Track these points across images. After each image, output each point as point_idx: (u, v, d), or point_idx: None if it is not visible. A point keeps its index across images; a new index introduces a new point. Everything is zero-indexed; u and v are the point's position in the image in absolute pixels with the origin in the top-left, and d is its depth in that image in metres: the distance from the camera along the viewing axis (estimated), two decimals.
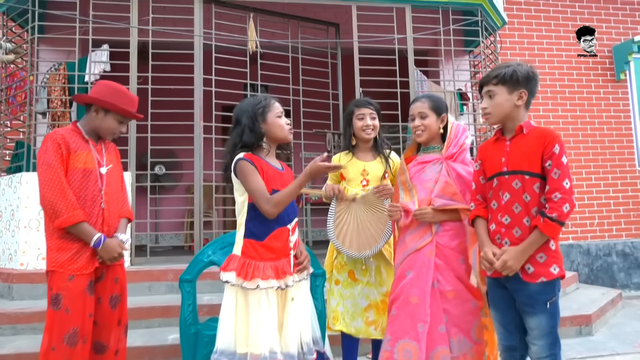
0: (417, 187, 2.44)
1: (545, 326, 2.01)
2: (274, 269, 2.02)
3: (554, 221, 1.92)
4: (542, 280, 1.98)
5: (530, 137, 2.07)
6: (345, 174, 2.70)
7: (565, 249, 6.36)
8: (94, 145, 2.28)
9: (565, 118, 6.68)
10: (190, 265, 2.58)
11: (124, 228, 2.32)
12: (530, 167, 2.02)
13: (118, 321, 2.24)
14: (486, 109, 2.15)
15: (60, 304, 2.05)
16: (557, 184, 1.94)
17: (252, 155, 2.09)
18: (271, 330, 1.95)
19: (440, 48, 5.39)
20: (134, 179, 4.48)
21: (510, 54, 6.63)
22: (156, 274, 4.21)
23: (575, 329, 3.97)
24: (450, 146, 2.46)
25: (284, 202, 2.03)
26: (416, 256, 2.34)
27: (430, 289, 2.28)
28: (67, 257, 2.09)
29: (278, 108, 2.19)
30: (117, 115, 2.28)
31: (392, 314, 2.32)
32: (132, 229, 4.41)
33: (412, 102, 2.55)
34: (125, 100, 2.28)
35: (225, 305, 2.01)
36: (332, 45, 5.68)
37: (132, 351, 3.36)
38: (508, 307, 2.10)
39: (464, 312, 2.29)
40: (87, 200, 2.17)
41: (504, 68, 2.11)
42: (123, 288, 2.28)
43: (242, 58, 4.98)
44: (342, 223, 2.60)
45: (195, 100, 4.64)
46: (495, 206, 2.12)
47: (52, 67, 5.01)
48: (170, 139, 4.90)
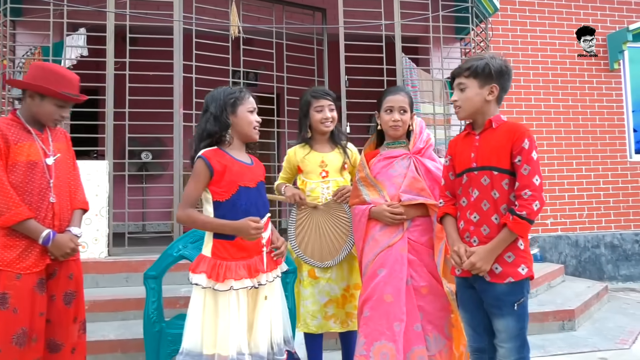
0: (385, 183, 2.36)
1: (513, 328, 1.94)
2: (246, 267, 1.96)
3: (524, 219, 1.86)
4: (509, 280, 1.92)
5: (499, 132, 1.99)
6: (302, 167, 2.61)
7: (554, 240, 6.32)
8: (38, 135, 2.13)
9: (557, 108, 6.57)
10: (158, 260, 2.49)
11: (77, 221, 2.20)
12: (499, 162, 1.95)
13: (74, 318, 2.14)
14: (456, 101, 2.07)
15: (7, 303, 1.95)
16: (527, 180, 1.88)
17: (215, 152, 2.01)
18: (240, 331, 1.90)
19: (429, 35, 5.25)
20: (111, 167, 4.36)
21: (503, 41, 6.49)
22: (134, 264, 4.12)
23: (557, 324, 3.93)
24: (417, 141, 2.40)
25: (193, 224, 2.05)
26: (388, 253, 2.26)
27: (404, 286, 2.21)
28: (14, 255, 1.99)
29: (251, 103, 2.10)
30: (54, 99, 2.11)
31: (364, 316, 2.23)
32: (109, 218, 4.32)
33: (389, 93, 2.43)
34: (62, 82, 2.10)
35: (192, 305, 1.94)
36: (319, 31, 5.53)
37: (105, 344, 3.30)
38: (477, 308, 2.04)
39: (437, 308, 2.24)
40: (34, 194, 2.05)
41: (477, 60, 2.03)
42: (79, 284, 2.18)
43: (224, 44, 4.83)
44: (304, 231, 2.54)
45: (175, 87, 4.50)
46: (464, 203, 2.05)
47: (27, 52, 4.86)
48: (151, 126, 4.77)
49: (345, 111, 4.91)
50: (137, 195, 7.17)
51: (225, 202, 1.98)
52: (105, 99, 4.39)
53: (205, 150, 2.02)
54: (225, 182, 1.98)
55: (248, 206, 2.00)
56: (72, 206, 2.19)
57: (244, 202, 2.00)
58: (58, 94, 2.09)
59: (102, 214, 4.27)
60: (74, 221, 2.18)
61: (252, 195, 2.03)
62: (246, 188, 2.02)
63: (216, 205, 1.99)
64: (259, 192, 2.08)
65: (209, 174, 1.97)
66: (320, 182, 2.57)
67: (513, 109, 6.43)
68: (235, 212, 1.97)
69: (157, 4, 4.81)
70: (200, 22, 4.70)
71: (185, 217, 1.99)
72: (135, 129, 4.67)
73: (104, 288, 4.03)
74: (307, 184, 2.58)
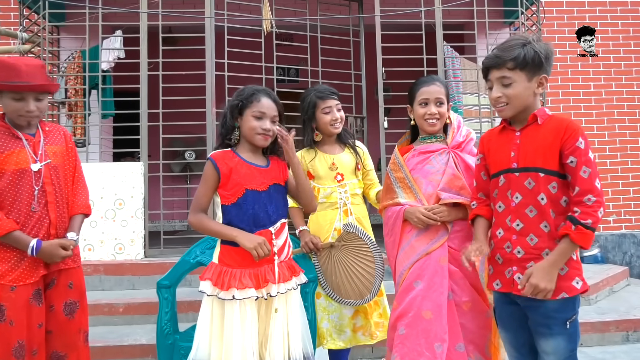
0: (421, 181, 2.12)
1: (563, 350, 1.70)
2: (253, 277, 1.84)
3: (588, 228, 1.61)
4: (563, 296, 1.67)
5: (545, 128, 1.72)
6: (313, 172, 2.43)
7: (617, 239, 5.80)
8: (29, 139, 2.03)
9: (620, 94, 6.00)
10: (173, 268, 2.40)
11: (76, 226, 2.10)
12: (546, 163, 1.69)
13: (78, 329, 2.07)
14: (500, 98, 1.77)
15: (4, 315, 1.90)
16: (589, 184, 1.63)
17: (224, 154, 1.95)
18: (247, 343, 1.79)
19: (473, 21, 4.90)
20: (146, 168, 4.37)
21: (557, 24, 6.00)
22: (168, 266, 4.08)
23: (621, 335, 3.53)
24: (456, 134, 2.15)
25: (202, 229, 1.93)
26: (425, 263, 2.02)
27: (446, 302, 1.98)
28: (7, 267, 1.93)
29: (261, 107, 1.94)
30: (8, 93, 1.96)
31: (399, 334, 2.00)
32: (145, 219, 4.32)
33: (422, 84, 2.19)
34: (10, 73, 1.95)
35: (201, 315, 1.89)
36: (355, 22, 5.31)
37: (137, 349, 3.29)
38: (520, 326, 1.80)
39: (480, 326, 2.01)
40: (23, 203, 1.97)
41: (519, 47, 1.72)
42: (81, 294, 2.10)
43: (257, 39, 4.71)
44: (331, 273, 2.36)
45: (207, 85, 4.44)
46: (501, 208, 1.80)
47: (69, 56, 4.97)
48: (186, 126, 4.75)
49: (383, 105, 4.67)
50: (181, 194, 7.27)
51: (232, 206, 1.89)
52: (140, 100, 4.40)
53: (215, 151, 1.96)
54: (231, 185, 1.90)
55: (256, 211, 1.89)
56: (71, 212, 2.11)
57: (251, 206, 1.89)
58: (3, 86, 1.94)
59: (138, 215, 4.28)
60: (72, 226, 2.09)
61: (261, 200, 1.91)
62: (254, 191, 1.90)
63: (224, 209, 1.91)
64: (269, 196, 1.94)
65: (216, 176, 1.91)
66: (337, 187, 2.41)
67: (570, 97, 5.95)
68: (241, 217, 1.88)
69: (191, 2, 4.78)
70: (232, 19, 4.61)
71: (196, 222, 1.92)
72: (173, 129, 4.66)
73: (139, 290, 4.04)
74: (321, 190, 2.42)
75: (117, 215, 4.24)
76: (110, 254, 4.23)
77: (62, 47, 5.10)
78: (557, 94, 5.92)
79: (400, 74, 4.81)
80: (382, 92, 4.69)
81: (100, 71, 4.59)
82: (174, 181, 7.09)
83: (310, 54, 4.96)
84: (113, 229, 4.23)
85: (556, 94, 5.91)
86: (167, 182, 5.05)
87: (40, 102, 2.03)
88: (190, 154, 7.36)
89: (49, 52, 4.77)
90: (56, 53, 5.13)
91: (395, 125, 4.76)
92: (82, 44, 4.78)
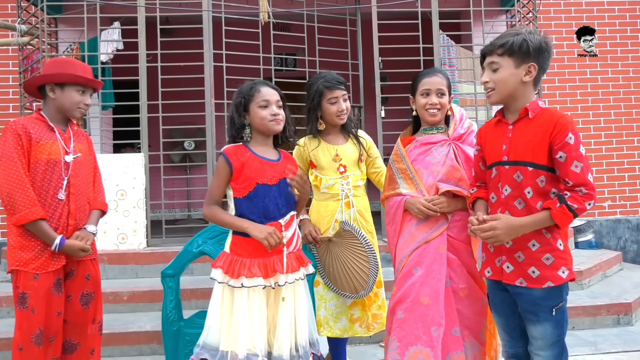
0: (422, 172, 2.18)
1: (550, 335, 1.77)
2: (261, 266, 1.92)
3: (572, 212, 1.68)
4: (549, 285, 1.74)
5: (536, 122, 1.77)
6: (315, 161, 2.46)
7: (612, 224, 5.87)
8: (61, 133, 2.16)
9: (616, 80, 6.03)
10: (177, 257, 2.48)
11: (94, 220, 2.21)
12: (535, 157, 1.74)
13: (92, 319, 2.17)
14: (487, 83, 1.84)
15: (26, 303, 1.99)
16: (582, 178, 1.68)
17: (236, 149, 2.02)
18: (253, 331, 1.87)
19: (469, 9, 4.92)
20: (146, 159, 4.43)
21: (554, 10, 6.01)
22: (170, 255, 4.18)
23: (612, 318, 3.63)
24: (458, 127, 2.20)
25: (215, 221, 2.05)
26: (425, 250, 2.10)
27: (444, 288, 2.06)
28: (31, 255, 2.02)
29: (262, 97, 2.02)
30: (75, 86, 2.14)
31: (398, 318, 2.08)
32: (147, 209, 4.40)
33: (424, 75, 2.23)
34: (77, 68, 2.15)
35: (212, 301, 1.98)
36: (351, 12, 5.32)
37: (142, 335, 3.38)
38: (511, 311, 1.87)
39: (475, 312, 2.09)
40: (50, 192, 2.07)
41: (512, 36, 1.78)
42: (96, 285, 2.20)
43: (254, 30, 4.74)
44: (329, 266, 2.42)
45: (206, 76, 4.48)
46: (494, 199, 1.86)
47: (67, 48, 4.99)
48: (186, 117, 4.79)
49: (380, 94, 4.72)
50: (181, 184, 7.34)
51: (243, 199, 1.97)
52: (139, 92, 4.44)
53: (227, 146, 2.04)
54: (242, 179, 1.97)
55: (266, 204, 1.97)
56: (91, 206, 2.22)
57: (262, 199, 1.97)
58: (77, 77, 2.12)
59: (140, 205, 4.35)
60: (91, 220, 2.20)
61: (272, 193, 1.98)
62: (265, 185, 1.97)
63: (236, 201, 2.00)
64: (279, 189, 2.01)
65: (229, 170, 1.98)
66: (340, 178, 2.42)
67: (566, 84, 5.98)
68: (253, 210, 1.96)
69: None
70: (230, 10, 4.63)
71: (210, 214, 2.02)
72: (172, 120, 4.70)
73: (142, 279, 4.13)
74: (323, 180, 2.44)
75: (119, 206, 4.31)
76: (113, 243, 4.31)
77: (61, 39, 5.12)
78: (553, 80, 5.96)
79: (397, 63, 4.85)
80: (378, 81, 4.73)
81: (100, 63, 4.61)
82: (173, 171, 7.15)
83: (308, 43, 4.99)
84: (116, 219, 4.31)
85: (552, 81, 5.95)
86: (167, 172, 5.11)
87: (90, 99, 2.23)
88: (190, 143, 7.41)
89: (48, 44, 4.80)
90: (55, 45, 5.15)
91: (392, 114, 4.81)
92: (81, 36, 4.81)
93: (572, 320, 3.54)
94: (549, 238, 1.75)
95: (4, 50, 5.39)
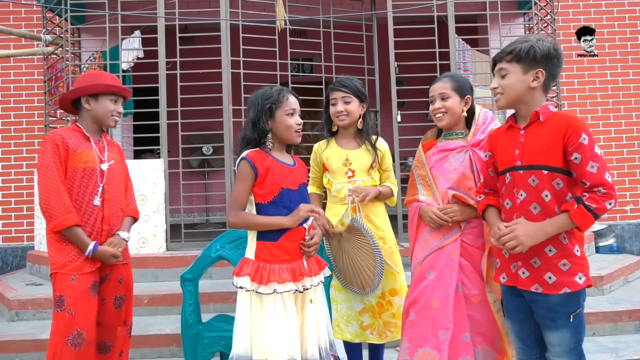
0: (439, 179, 2.19)
1: (568, 342, 1.76)
2: (290, 271, 1.92)
3: (591, 212, 1.66)
4: (565, 291, 1.73)
5: (548, 126, 1.77)
6: (327, 164, 2.49)
7: (634, 228, 5.78)
8: (96, 143, 2.26)
9: (636, 82, 5.95)
10: (195, 262, 2.52)
11: (127, 226, 2.31)
12: (549, 160, 1.74)
13: (123, 322, 2.25)
14: (496, 89, 1.87)
15: (64, 305, 2.06)
16: (599, 178, 1.67)
17: (258, 154, 1.98)
18: (289, 336, 1.86)
19: (486, 13, 4.90)
20: (166, 165, 4.51)
21: (572, 12, 5.95)
22: (189, 259, 4.24)
23: (634, 325, 3.56)
24: (478, 132, 2.19)
25: (247, 226, 1.98)
26: (438, 255, 2.11)
27: (453, 293, 2.07)
28: (68, 258, 2.10)
29: (291, 105, 2.01)
30: (107, 95, 2.25)
31: (410, 319, 2.12)
32: (167, 214, 4.47)
33: (432, 83, 2.27)
34: (107, 79, 2.27)
35: (239, 309, 1.92)
36: (367, 17, 5.35)
37: (162, 338, 3.44)
38: (526, 318, 1.86)
39: (490, 320, 2.07)
40: (85, 199, 2.16)
41: (521, 43, 1.81)
42: (128, 288, 2.29)
43: (271, 37, 4.80)
44: (338, 260, 2.44)
45: (224, 83, 4.55)
46: (509, 205, 1.85)
47: (90, 57, 5.12)
48: (205, 123, 4.87)
49: (396, 99, 4.73)
50: (199, 189, 7.44)
51: (268, 205, 1.96)
52: (159, 99, 4.53)
53: (248, 151, 1.99)
54: (267, 184, 1.95)
55: (291, 209, 1.97)
56: (124, 213, 2.31)
57: (287, 204, 1.97)
58: (110, 87, 2.24)
59: (160, 210, 4.43)
60: (124, 226, 2.29)
61: (294, 197, 2.00)
62: (288, 190, 1.98)
63: (258, 207, 1.97)
64: (301, 194, 2.04)
65: (253, 175, 1.95)
66: (347, 183, 2.43)
67: (586, 86, 5.91)
68: (278, 215, 1.95)
69: (206, 0, 4.87)
70: (247, 18, 4.70)
71: (239, 220, 1.96)
72: (191, 126, 4.79)
73: (162, 282, 4.20)
74: (333, 184, 2.47)
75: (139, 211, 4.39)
76: (134, 247, 4.40)
77: (84, 48, 5.26)
78: (573, 83, 5.89)
79: (413, 67, 4.86)
80: (394, 86, 4.75)
81: (121, 71, 4.73)
82: (192, 176, 7.26)
83: (324, 48, 5.04)
84: (136, 224, 4.36)
85: (571, 83, 5.88)
86: (186, 177, 5.20)
87: (121, 108, 2.34)
88: (208, 149, 7.51)
89: (71, 53, 4.94)
90: (78, 54, 5.29)
91: (408, 118, 4.82)
92: (103, 45, 4.94)
93: (592, 326, 3.50)
94: (566, 244, 1.75)
95: (30, 60, 5.57)
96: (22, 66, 5.68)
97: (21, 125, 5.64)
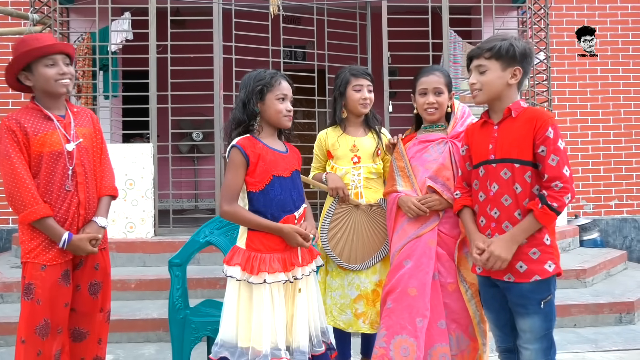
0: (418, 169, 2.23)
1: (538, 328, 1.83)
2: (281, 261, 1.92)
3: (553, 210, 1.75)
4: (535, 278, 1.80)
5: (519, 121, 1.85)
6: (333, 151, 2.50)
7: (618, 223, 5.87)
8: (60, 120, 2.04)
9: (627, 79, 6.01)
10: (184, 247, 2.52)
11: (104, 209, 2.12)
12: (521, 154, 1.81)
13: (100, 309, 2.15)
14: (475, 84, 1.91)
15: (32, 294, 1.96)
16: (557, 172, 1.75)
17: (249, 140, 1.95)
18: (275, 326, 1.86)
19: (480, 5, 4.90)
20: (155, 150, 4.48)
21: (566, 7, 5.97)
22: (177, 245, 4.22)
23: (614, 317, 3.65)
24: (457, 125, 2.24)
25: (239, 221, 1.96)
26: (415, 244, 2.15)
27: (430, 281, 2.11)
28: (40, 247, 1.99)
29: (282, 90, 1.98)
30: (40, 61, 1.96)
31: (387, 307, 2.16)
32: (155, 199, 4.45)
33: (422, 74, 2.27)
34: (34, 43, 1.97)
35: (228, 297, 1.93)
36: (361, 5, 5.32)
37: (149, 322, 3.45)
38: (502, 307, 1.93)
39: (464, 307, 2.13)
40: (55, 185, 2.01)
41: (500, 41, 1.88)
42: (105, 275, 2.17)
43: (264, 22, 4.76)
44: (338, 227, 2.43)
45: (215, 68, 4.51)
46: (482, 198, 1.92)
47: (79, 37, 5.04)
48: (195, 108, 4.84)
49: (388, 89, 4.73)
50: (188, 175, 7.41)
51: (259, 193, 1.93)
52: (149, 82, 4.48)
53: (239, 138, 1.96)
54: (258, 172, 1.93)
55: (283, 197, 1.96)
56: (99, 193, 2.14)
57: (278, 192, 1.95)
58: (30, 52, 1.95)
59: (148, 195, 4.41)
60: (100, 210, 2.11)
61: (287, 185, 1.98)
62: (280, 178, 1.96)
63: (250, 195, 1.95)
64: (293, 181, 2.02)
65: (245, 163, 1.92)
66: (351, 168, 2.45)
67: (576, 82, 5.96)
68: (269, 203, 1.93)
69: None
70: (240, 2, 4.65)
71: (232, 212, 1.93)
72: (181, 111, 4.75)
73: (150, 267, 4.19)
74: (337, 170, 2.47)
75: (127, 195, 4.37)
76: (121, 232, 4.38)
77: (72, 29, 5.16)
78: (563, 78, 5.93)
79: (405, 57, 4.86)
80: (387, 76, 4.74)
81: (110, 53, 4.66)
82: (182, 161, 7.22)
83: (317, 36, 5.01)
84: (124, 209, 4.37)
85: (562, 78, 5.92)
86: (175, 162, 5.17)
87: (69, 67, 2.03)
88: (198, 134, 7.45)
89: (59, 34, 4.84)
90: (66, 34, 5.19)
91: (400, 108, 4.83)
92: (92, 26, 4.85)
93: (574, 318, 3.58)
94: (535, 234, 1.81)
95: (16, 40, 5.45)
96: (7, 45, 5.57)
97: (7, 106, 5.54)
